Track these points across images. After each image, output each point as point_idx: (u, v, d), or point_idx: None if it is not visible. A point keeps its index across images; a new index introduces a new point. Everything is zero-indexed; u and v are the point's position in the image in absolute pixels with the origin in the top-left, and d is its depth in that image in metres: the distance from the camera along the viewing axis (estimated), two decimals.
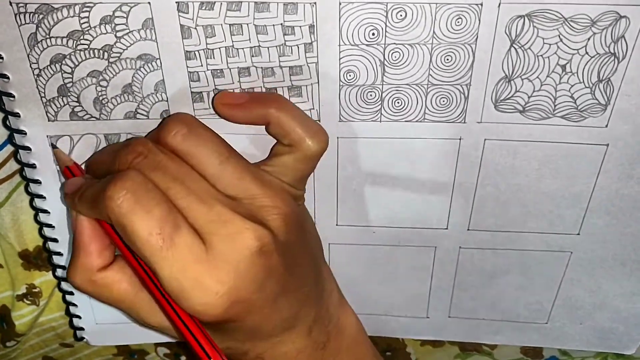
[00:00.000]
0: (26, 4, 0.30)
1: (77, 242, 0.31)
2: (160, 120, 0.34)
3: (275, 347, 0.33)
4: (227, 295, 0.28)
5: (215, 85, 0.33)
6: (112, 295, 0.32)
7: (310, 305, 0.34)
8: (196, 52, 0.32)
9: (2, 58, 0.31)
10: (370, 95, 0.33)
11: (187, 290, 0.28)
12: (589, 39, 0.31)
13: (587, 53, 0.31)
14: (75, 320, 0.42)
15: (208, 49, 0.32)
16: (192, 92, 0.33)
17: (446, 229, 0.38)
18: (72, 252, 0.32)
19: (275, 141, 0.33)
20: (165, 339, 0.43)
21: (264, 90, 0.33)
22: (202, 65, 0.32)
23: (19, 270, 0.40)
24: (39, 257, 0.40)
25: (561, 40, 0.31)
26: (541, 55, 0.31)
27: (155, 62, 0.32)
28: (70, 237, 0.38)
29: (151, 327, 0.33)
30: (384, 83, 0.33)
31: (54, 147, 0.34)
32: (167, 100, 0.33)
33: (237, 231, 0.28)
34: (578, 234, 0.37)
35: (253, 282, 0.29)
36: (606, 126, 0.33)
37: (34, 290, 0.41)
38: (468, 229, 0.38)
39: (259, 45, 0.32)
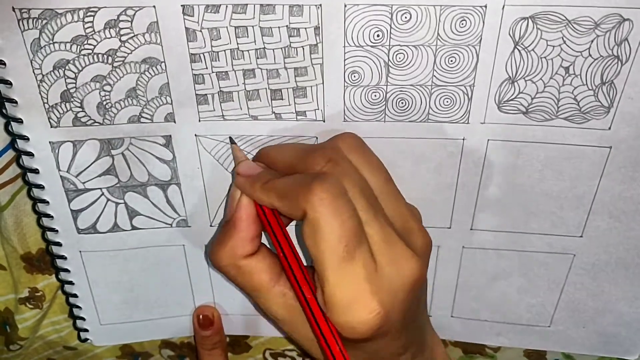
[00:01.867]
0: (29, 9, 0.30)
1: (235, 225, 0.32)
2: (165, 122, 0.34)
3: None
4: (381, 318, 0.28)
5: (220, 88, 0.33)
6: (251, 283, 0.32)
7: (420, 334, 0.34)
8: (201, 55, 0.32)
9: (5, 64, 0.31)
10: (375, 95, 0.33)
11: (350, 304, 0.28)
12: (592, 41, 0.31)
13: (590, 55, 0.31)
14: (79, 321, 0.42)
15: (213, 51, 0.32)
16: (196, 94, 0.33)
17: (449, 228, 0.38)
18: (223, 234, 0.32)
19: None
20: (169, 336, 0.44)
21: (269, 92, 0.33)
22: (207, 68, 0.32)
23: (22, 273, 0.40)
24: (41, 260, 0.40)
25: (564, 42, 0.31)
26: (544, 57, 0.31)
27: (160, 65, 0.32)
28: (69, 235, 0.38)
29: (276, 320, 0.33)
30: (388, 84, 0.33)
31: (232, 142, 0.35)
32: (171, 103, 0.33)
33: (403, 257, 0.29)
34: (581, 236, 0.37)
35: (402, 309, 0.30)
36: (609, 128, 0.33)
37: (36, 294, 0.41)
38: (471, 229, 0.38)
39: (264, 47, 0.32)
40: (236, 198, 0.32)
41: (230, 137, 0.35)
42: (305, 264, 0.32)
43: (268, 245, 0.33)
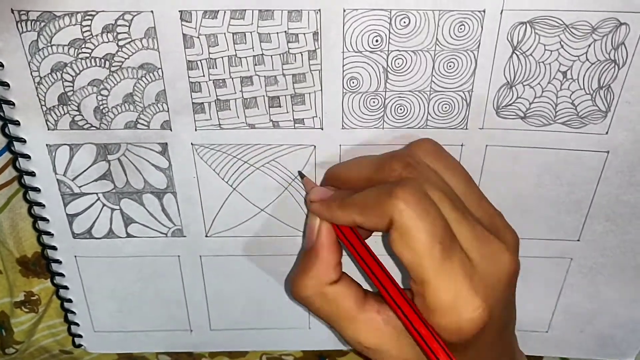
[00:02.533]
0: (28, 11, 0.29)
1: (317, 252, 0.31)
2: (161, 130, 0.34)
3: None
4: (486, 313, 0.28)
5: (217, 96, 0.33)
6: (337, 310, 0.31)
7: (511, 348, 0.33)
8: (198, 62, 0.32)
9: (3, 65, 0.31)
10: (373, 102, 0.33)
11: (454, 304, 0.28)
12: (589, 45, 0.31)
13: (587, 60, 0.31)
14: (73, 327, 0.42)
15: (210, 58, 0.31)
16: (193, 103, 0.33)
17: None
18: (305, 262, 0.31)
19: None
20: (163, 349, 0.43)
21: (266, 99, 0.33)
22: (204, 75, 0.32)
23: (18, 277, 0.40)
24: (37, 264, 0.40)
25: (562, 46, 0.31)
26: (542, 62, 0.32)
27: (157, 71, 0.32)
28: (68, 244, 0.38)
29: (363, 348, 0.32)
30: (387, 90, 0.33)
31: (301, 176, 0.35)
32: (167, 111, 0.33)
33: (498, 252, 0.29)
34: (578, 240, 0.37)
35: (502, 305, 0.29)
36: (606, 133, 0.33)
37: (32, 297, 0.41)
38: None
39: (262, 54, 0.31)
40: (315, 226, 0.31)
41: (299, 172, 0.35)
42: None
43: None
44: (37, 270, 0.40)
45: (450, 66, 0.32)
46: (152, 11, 0.30)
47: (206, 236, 0.38)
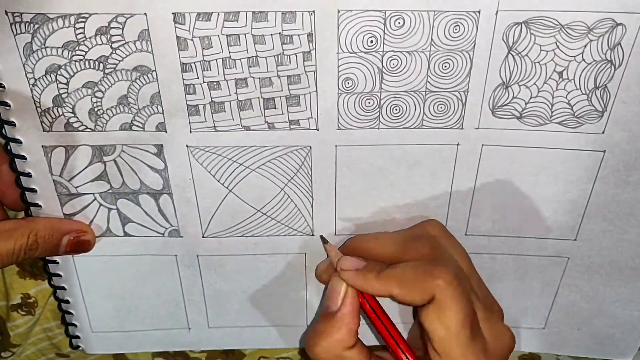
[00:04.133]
0: (22, 13, 0.29)
1: (341, 317, 0.33)
2: (156, 131, 0.34)
3: None
4: None
5: (212, 98, 0.33)
6: None
7: None
8: (192, 64, 0.31)
9: None
10: (369, 102, 0.33)
11: None
12: (585, 45, 0.31)
13: (583, 60, 0.31)
14: (70, 328, 0.42)
15: (205, 60, 0.31)
16: (188, 105, 0.33)
17: None
18: (326, 326, 0.33)
19: None
20: (161, 349, 0.43)
21: (261, 101, 0.33)
22: (198, 78, 0.32)
23: (15, 279, 0.40)
24: (34, 266, 0.40)
25: (558, 47, 0.31)
26: (538, 62, 0.31)
27: (151, 74, 0.32)
28: None
29: None
30: (382, 90, 0.33)
31: (324, 241, 0.36)
32: (162, 113, 0.33)
33: (503, 333, 0.33)
34: (575, 240, 0.37)
35: None
36: (603, 132, 0.33)
37: (28, 300, 0.41)
38: (465, 234, 0.38)
39: (257, 56, 0.31)
40: (340, 291, 0.33)
41: (321, 236, 0.37)
42: None
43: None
44: (34, 272, 0.40)
45: (445, 66, 0.32)
46: (145, 13, 0.30)
47: (203, 237, 0.38)
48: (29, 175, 0.35)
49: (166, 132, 0.34)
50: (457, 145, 0.34)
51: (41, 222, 0.35)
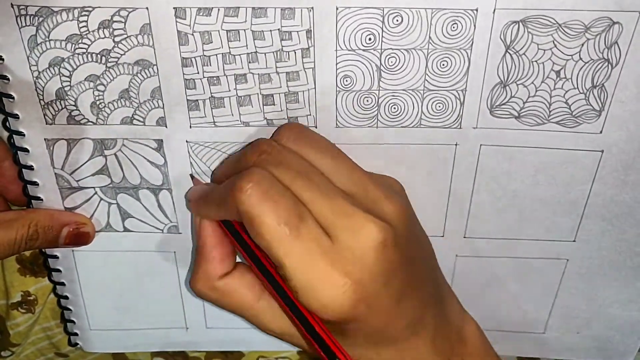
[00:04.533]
0: (27, 6, 0.30)
1: (200, 249, 0.32)
2: (156, 126, 0.34)
3: (400, 355, 0.32)
4: (353, 290, 0.28)
5: (211, 93, 0.33)
6: (233, 302, 0.32)
7: (433, 309, 0.33)
8: (193, 59, 0.32)
9: (3, 59, 0.32)
10: (367, 100, 0.33)
11: (315, 283, 0.28)
12: (582, 44, 0.31)
13: (581, 59, 0.31)
14: (69, 325, 0.42)
15: (205, 55, 0.32)
16: (188, 100, 0.33)
17: (442, 236, 0.38)
18: (195, 261, 0.33)
19: None
20: (159, 349, 0.43)
21: (260, 97, 0.33)
22: (198, 73, 0.32)
23: (15, 277, 0.40)
24: (35, 263, 0.40)
25: (555, 45, 0.31)
26: (536, 61, 0.32)
27: (152, 68, 0.32)
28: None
29: (272, 334, 0.33)
30: (380, 88, 0.33)
31: (192, 177, 0.36)
32: (163, 108, 0.33)
33: (360, 224, 0.28)
34: (574, 241, 0.37)
35: (378, 276, 0.28)
36: (601, 132, 0.33)
37: (29, 298, 0.41)
38: (464, 237, 0.38)
39: (256, 51, 0.32)
40: (196, 224, 0.33)
41: (190, 175, 0.36)
42: None
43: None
44: (35, 269, 0.40)
45: (443, 65, 0.32)
46: (147, 8, 0.30)
47: None
48: (31, 168, 0.35)
49: (166, 126, 0.34)
50: (456, 145, 0.34)
51: (41, 212, 0.35)
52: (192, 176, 0.36)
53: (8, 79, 0.32)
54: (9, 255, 0.34)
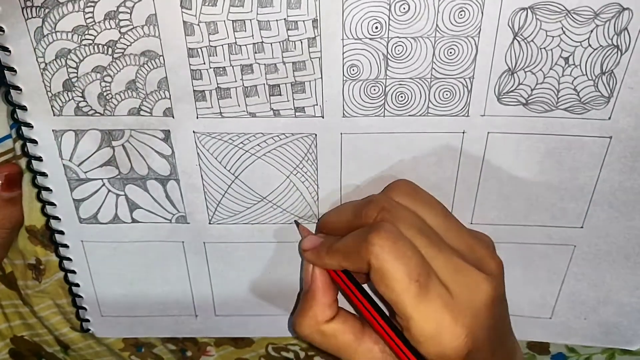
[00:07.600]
0: None
1: (312, 294, 0.34)
2: (164, 117, 0.34)
3: None
4: (469, 339, 0.30)
5: (217, 84, 0.33)
6: (337, 344, 0.34)
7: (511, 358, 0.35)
8: (199, 50, 0.32)
9: (10, 51, 0.32)
10: (374, 89, 0.33)
11: (437, 334, 0.30)
12: (591, 31, 0.31)
13: (590, 45, 0.31)
14: (81, 312, 0.42)
15: (211, 46, 0.32)
16: (194, 90, 0.33)
17: None
18: (303, 304, 0.35)
19: None
20: (169, 335, 0.44)
21: (267, 87, 0.33)
22: (204, 63, 0.32)
23: (27, 243, 0.40)
24: (45, 236, 0.40)
25: (564, 32, 0.31)
26: (544, 48, 0.31)
27: (159, 58, 0.32)
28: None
29: None
30: (387, 77, 0.33)
31: (297, 224, 0.37)
32: (169, 98, 0.33)
33: (477, 281, 0.31)
34: (582, 227, 0.37)
35: (487, 328, 0.31)
36: (609, 118, 0.33)
37: (40, 266, 0.41)
38: (471, 223, 0.38)
39: (262, 42, 0.32)
40: (308, 270, 0.35)
41: (295, 221, 0.37)
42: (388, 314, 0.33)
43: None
44: (45, 242, 0.40)
45: (450, 53, 0.32)
46: None
47: (209, 223, 0.38)
48: (40, 159, 0.35)
49: (173, 117, 0.34)
50: (463, 133, 0.34)
51: None
52: (297, 223, 0.37)
53: (15, 71, 0.32)
54: None
